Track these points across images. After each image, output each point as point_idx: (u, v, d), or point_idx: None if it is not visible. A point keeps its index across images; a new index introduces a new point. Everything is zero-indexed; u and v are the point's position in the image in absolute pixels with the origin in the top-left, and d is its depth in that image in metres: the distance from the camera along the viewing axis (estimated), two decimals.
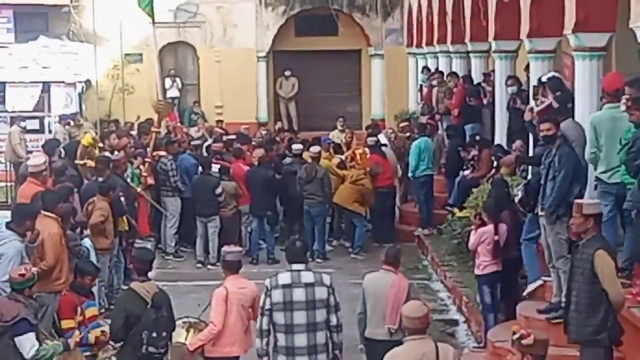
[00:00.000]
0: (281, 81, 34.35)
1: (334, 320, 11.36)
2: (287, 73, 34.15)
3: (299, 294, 11.43)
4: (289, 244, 12.36)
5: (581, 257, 9.92)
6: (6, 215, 14.19)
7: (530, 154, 14.96)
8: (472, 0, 21.90)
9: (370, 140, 22.46)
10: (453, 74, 23.94)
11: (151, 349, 10.90)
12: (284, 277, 11.44)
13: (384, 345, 11.08)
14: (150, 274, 11.71)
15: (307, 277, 11.43)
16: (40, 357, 10.40)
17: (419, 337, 8.98)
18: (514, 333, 7.87)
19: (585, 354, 10.06)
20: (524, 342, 7.66)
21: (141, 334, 10.83)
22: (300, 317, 11.49)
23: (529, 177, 13.78)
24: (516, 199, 13.35)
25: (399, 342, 10.38)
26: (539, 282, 13.36)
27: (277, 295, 11.39)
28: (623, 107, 11.97)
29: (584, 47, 14.30)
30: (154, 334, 10.91)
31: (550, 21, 15.80)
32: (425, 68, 27.77)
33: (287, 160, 22.26)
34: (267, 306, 11.31)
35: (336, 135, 24.52)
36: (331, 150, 22.20)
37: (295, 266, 11.42)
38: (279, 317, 11.44)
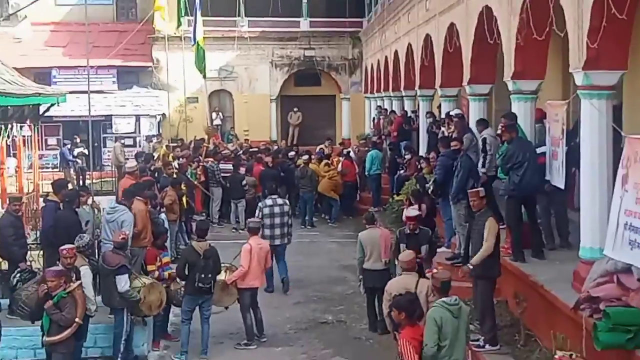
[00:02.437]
0: (291, 114, 36.35)
1: (291, 222, 15.53)
2: (295, 109, 36.20)
3: (276, 209, 14.98)
4: (270, 190, 16.31)
5: (478, 222, 10.17)
6: (111, 198, 15.12)
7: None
8: (405, 65, 23.38)
9: (343, 152, 25.05)
10: (393, 111, 26.16)
11: (200, 285, 11.36)
12: (268, 201, 15.31)
13: (380, 273, 12.10)
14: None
15: (280, 201, 15.28)
16: (129, 294, 10.84)
17: (408, 273, 9.98)
18: (433, 273, 8.93)
19: (478, 285, 10.26)
20: (436, 276, 8.53)
21: (195, 274, 11.35)
22: (277, 220, 15.06)
23: (436, 176, 14.09)
24: (429, 190, 14.23)
25: (387, 270, 12.21)
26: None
27: (266, 210, 14.95)
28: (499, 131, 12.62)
29: (474, 93, 15.04)
30: (202, 275, 11.33)
31: (454, 77, 16.66)
32: (378, 107, 29.89)
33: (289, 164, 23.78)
34: (261, 215, 14.84)
35: (324, 149, 25.81)
36: (316, 158, 23.68)
37: (273, 196, 15.32)
38: (267, 220, 14.83)
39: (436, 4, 18.21)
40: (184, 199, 17.42)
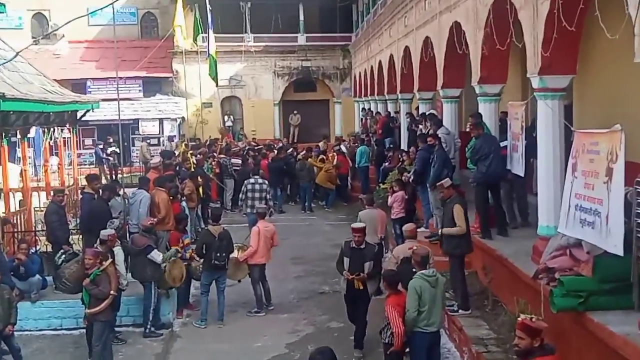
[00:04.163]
0: (291, 116, 36.38)
1: (269, 196, 16.29)
2: (295, 112, 36.29)
3: (257, 186, 15.83)
4: (254, 172, 17.07)
5: (448, 208, 10.28)
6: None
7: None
8: (388, 73, 23.36)
9: (336, 148, 24.79)
10: (378, 112, 26.28)
11: (216, 262, 11.44)
12: (252, 180, 16.26)
13: (376, 246, 11.68)
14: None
15: (260, 181, 15.93)
16: (163, 260, 11.05)
17: (411, 240, 10.16)
18: (414, 249, 8.81)
19: (451, 260, 10.41)
20: (416, 252, 8.51)
21: (211, 253, 11.43)
22: (257, 194, 15.83)
23: (416, 167, 14.11)
24: (410, 179, 14.34)
25: (381, 244, 12.24)
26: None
27: (249, 186, 15.69)
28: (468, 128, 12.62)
29: (447, 96, 15.14)
30: (218, 254, 11.42)
31: (429, 82, 16.63)
32: (364, 109, 30.01)
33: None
34: (245, 189, 15.76)
35: (321, 145, 25.55)
36: (314, 153, 23.52)
37: (256, 176, 15.90)
38: (249, 193, 15.63)
39: (414, 20, 18.26)
40: (201, 189, 17.41)
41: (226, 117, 35.19)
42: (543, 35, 8.96)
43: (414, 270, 8.50)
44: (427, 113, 16.69)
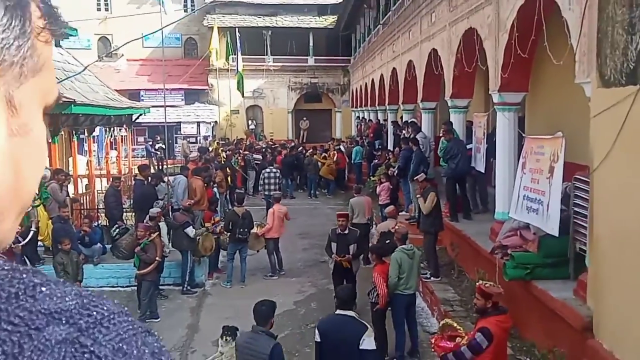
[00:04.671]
0: (301, 122, 36.00)
1: (280, 182, 16.09)
2: (304, 118, 35.94)
3: (271, 174, 16.62)
4: (269, 163, 17.42)
5: (422, 196, 10.35)
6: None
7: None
8: (379, 89, 23.13)
9: (336, 147, 24.31)
10: (370, 120, 25.95)
11: (240, 236, 11.57)
12: (267, 169, 16.46)
13: (364, 225, 12.11)
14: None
15: (274, 170, 16.30)
16: (195, 235, 11.12)
17: (392, 219, 10.23)
18: (395, 228, 8.95)
19: (426, 237, 10.38)
20: (398, 230, 8.72)
21: (236, 229, 11.57)
22: (272, 180, 16.37)
23: (399, 164, 14.14)
24: (395, 173, 14.28)
25: (368, 224, 12.25)
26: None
27: (265, 174, 16.19)
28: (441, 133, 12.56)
29: (425, 107, 15.04)
30: (241, 229, 11.56)
31: (411, 96, 16.49)
32: (359, 117, 29.87)
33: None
34: (262, 177, 15.96)
35: (326, 146, 25.61)
36: (319, 151, 23.50)
37: (270, 167, 16.09)
38: (266, 180, 16.01)
39: (400, 47, 18.15)
40: (229, 178, 17.42)
41: (250, 122, 35.07)
42: (502, 60, 8.92)
43: (387, 241, 8.58)
44: (409, 121, 16.62)
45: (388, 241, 8.78)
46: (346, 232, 9.81)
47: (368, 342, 5.35)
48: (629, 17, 5.12)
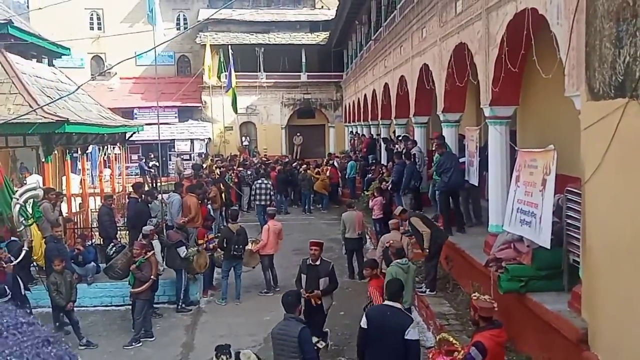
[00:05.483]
0: (295, 137, 35.98)
1: (271, 193, 16.67)
2: (298, 134, 35.92)
3: (262, 185, 16.90)
4: (261, 175, 17.43)
5: (411, 226, 10.09)
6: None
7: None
8: (371, 104, 23.30)
9: (329, 162, 24.47)
10: (363, 135, 26.01)
11: (234, 252, 11.49)
12: (259, 181, 16.51)
13: (356, 240, 12.25)
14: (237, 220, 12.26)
15: (265, 181, 16.84)
16: (186, 256, 11.02)
17: (395, 231, 10.10)
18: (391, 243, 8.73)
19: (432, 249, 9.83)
20: (393, 245, 8.53)
21: (230, 246, 11.50)
22: (263, 191, 16.51)
23: (392, 178, 14.24)
24: (388, 187, 14.29)
25: (360, 238, 12.25)
26: None
27: (256, 185, 16.33)
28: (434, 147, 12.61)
29: (418, 122, 15.09)
30: (236, 246, 11.49)
31: (404, 111, 16.59)
32: (352, 132, 29.84)
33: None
34: (254, 187, 16.16)
35: (319, 161, 25.67)
36: (312, 166, 23.42)
37: (262, 179, 16.35)
38: (257, 191, 16.32)
39: (392, 62, 18.27)
40: (223, 195, 17.29)
41: (244, 138, 35.07)
42: (493, 75, 8.99)
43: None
44: (401, 136, 16.68)
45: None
46: (318, 263, 8.55)
47: (413, 333, 5.61)
48: (616, 30, 5.18)
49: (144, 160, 28.61)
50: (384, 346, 5.61)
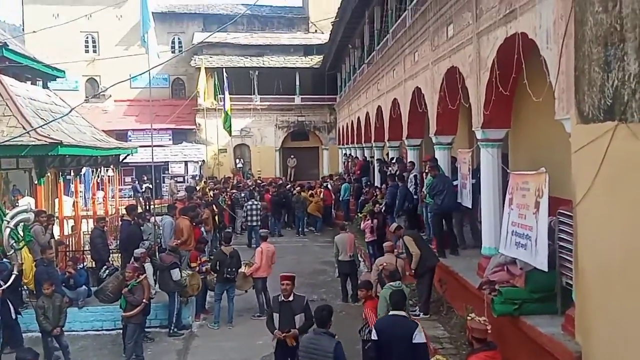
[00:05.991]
0: (289, 159, 36.16)
1: (261, 214, 17.05)
2: (292, 156, 36.10)
3: (254, 206, 17.53)
4: (251, 196, 17.57)
5: (404, 237, 10.35)
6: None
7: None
8: (365, 126, 23.39)
9: (324, 184, 24.44)
10: (356, 157, 25.91)
11: (227, 275, 11.45)
12: (250, 202, 17.38)
13: (348, 263, 12.29)
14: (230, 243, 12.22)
15: (256, 202, 17.23)
16: (180, 280, 10.93)
17: (389, 254, 10.18)
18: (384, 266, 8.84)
19: (423, 276, 10.23)
20: (386, 268, 8.57)
21: (223, 269, 11.45)
22: (254, 212, 17.09)
23: (386, 200, 14.29)
24: (382, 209, 14.34)
25: (353, 261, 12.28)
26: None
27: (248, 206, 16.92)
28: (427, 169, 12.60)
29: (410, 144, 15.12)
30: (229, 269, 11.44)
31: (396, 133, 16.69)
32: (345, 154, 29.93)
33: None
34: (246, 208, 16.79)
35: (313, 183, 25.75)
36: (306, 189, 23.49)
37: (252, 200, 16.78)
38: (249, 212, 16.66)
39: (384, 85, 18.37)
40: (217, 217, 17.24)
41: (237, 160, 35.14)
42: (484, 98, 9.03)
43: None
44: (395, 159, 16.74)
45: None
46: (291, 298, 7.72)
47: (420, 336, 6.08)
48: (604, 55, 5.25)
49: (137, 183, 28.60)
50: (394, 353, 6.01)
